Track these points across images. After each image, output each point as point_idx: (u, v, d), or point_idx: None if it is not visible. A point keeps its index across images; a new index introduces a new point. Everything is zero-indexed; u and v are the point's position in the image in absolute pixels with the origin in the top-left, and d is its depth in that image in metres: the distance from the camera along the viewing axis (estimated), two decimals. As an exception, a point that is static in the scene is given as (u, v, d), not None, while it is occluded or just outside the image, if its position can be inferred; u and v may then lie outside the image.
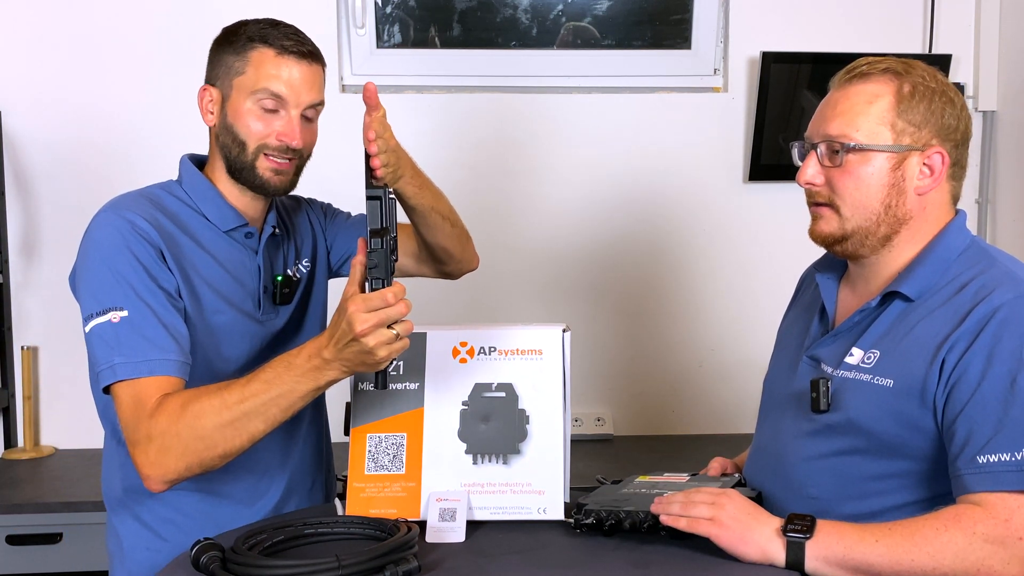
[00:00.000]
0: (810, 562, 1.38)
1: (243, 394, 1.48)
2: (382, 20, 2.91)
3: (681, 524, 1.44)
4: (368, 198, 1.52)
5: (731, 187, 2.95)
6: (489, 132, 2.90)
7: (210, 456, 1.50)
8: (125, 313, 1.54)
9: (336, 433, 1.91)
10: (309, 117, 1.71)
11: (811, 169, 1.54)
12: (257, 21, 1.70)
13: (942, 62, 2.86)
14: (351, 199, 2.86)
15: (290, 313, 1.81)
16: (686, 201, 2.94)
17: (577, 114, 2.92)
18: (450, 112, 2.89)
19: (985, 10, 2.93)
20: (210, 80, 1.71)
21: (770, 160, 2.87)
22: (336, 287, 1.86)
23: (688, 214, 2.95)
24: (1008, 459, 1.36)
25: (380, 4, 2.89)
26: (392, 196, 1.56)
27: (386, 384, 1.53)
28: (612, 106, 2.92)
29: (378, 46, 2.89)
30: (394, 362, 1.59)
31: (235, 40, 1.68)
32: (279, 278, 1.78)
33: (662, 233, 2.95)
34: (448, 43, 2.96)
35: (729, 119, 2.94)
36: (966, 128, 1.54)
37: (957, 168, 1.55)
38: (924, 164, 1.51)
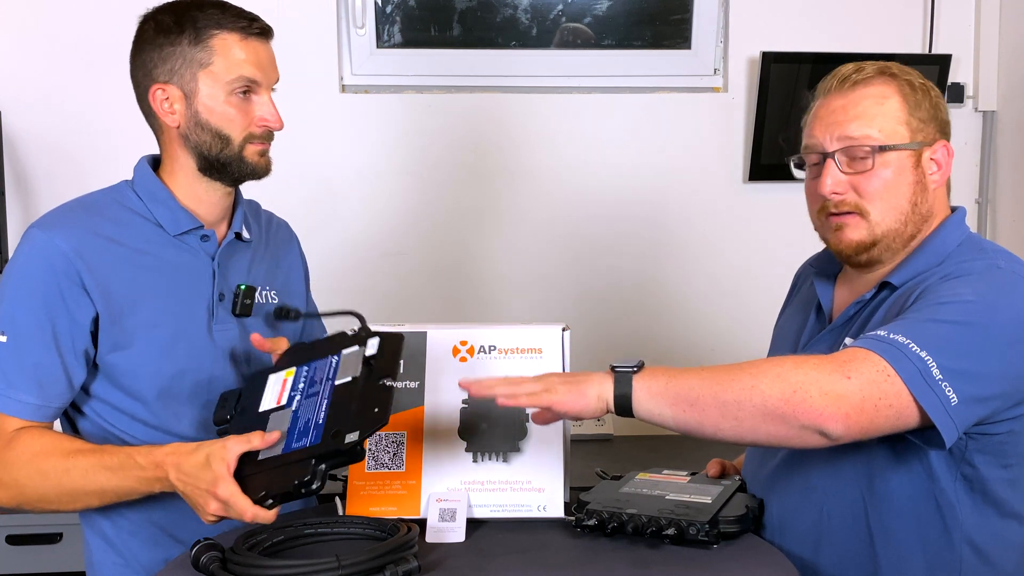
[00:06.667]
0: (636, 393, 1.36)
1: (87, 474, 1.51)
2: (382, 20, 2.90)
3: (522, 401, 1.40)
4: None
5: (731, 187, 2.95)
6: (489, 132, 2.89)
7: (43, 509, 1.58)
8: (4, 339, 1.54)
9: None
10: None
11: (831, 178, 1.50)
12: (199, 6, 1.60)
13: (942, 62, 2.86)
14: (351, 199, 2.88)
15: (252, 328, 1.69)
16: (686, 201, 2.94)
17: (577, 114, 2.92)
18: (450, 112, 2.89)
19: (985, 10, 2.93)
20: (162, 78, 1.61)
21: (770, 160, 2.87)
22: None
23: (688, 214, 2.95)
24: (902, 340, 1.32)
25: (380, 4, 2.89)
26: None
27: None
28: (612, 106, 2.92)
29: (378, 46, 2.89)
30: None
31: (186, 30, 1.59)
32: (242, 287, 1.67)
33: (662, 233, 2.95)
34: (448, 43, 2.96)
35: (729, 119, 2.94)
36: (949, 121, 1.58)
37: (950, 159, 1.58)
38: (932, 159, 1.52)
